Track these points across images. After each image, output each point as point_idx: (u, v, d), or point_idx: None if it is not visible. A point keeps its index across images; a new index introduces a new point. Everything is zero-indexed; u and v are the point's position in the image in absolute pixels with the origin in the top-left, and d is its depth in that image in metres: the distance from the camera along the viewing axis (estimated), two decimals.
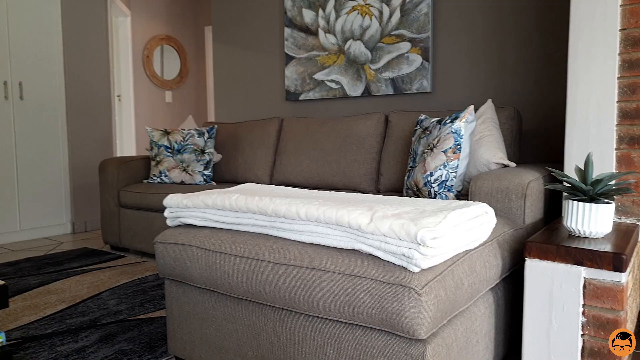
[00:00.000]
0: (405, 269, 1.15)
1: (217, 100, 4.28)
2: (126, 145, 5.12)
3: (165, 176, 3.31)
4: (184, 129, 3.46)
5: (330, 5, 3.38)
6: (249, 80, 4.01)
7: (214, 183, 3.38)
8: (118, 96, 4.75)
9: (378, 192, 2.77)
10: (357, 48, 3.28)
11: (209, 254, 1.50)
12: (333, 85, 3.43)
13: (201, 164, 3.34)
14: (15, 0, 3.63)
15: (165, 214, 1.69)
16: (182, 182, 3.31)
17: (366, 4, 3.21)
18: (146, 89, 5.32)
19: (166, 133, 3.39)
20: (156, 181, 3.32)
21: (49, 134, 3.89)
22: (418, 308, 1.08)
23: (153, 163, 3.36)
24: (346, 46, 3.33)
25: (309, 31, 3.52)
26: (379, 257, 1.21)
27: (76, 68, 4.04)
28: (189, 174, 3.31)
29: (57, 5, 3.87)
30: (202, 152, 3.36)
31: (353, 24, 3.28)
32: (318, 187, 2.96)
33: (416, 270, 1.13)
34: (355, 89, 3.33)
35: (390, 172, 2.68)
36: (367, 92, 3.27)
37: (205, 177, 3.32)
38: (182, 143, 3.36)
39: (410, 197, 2.28)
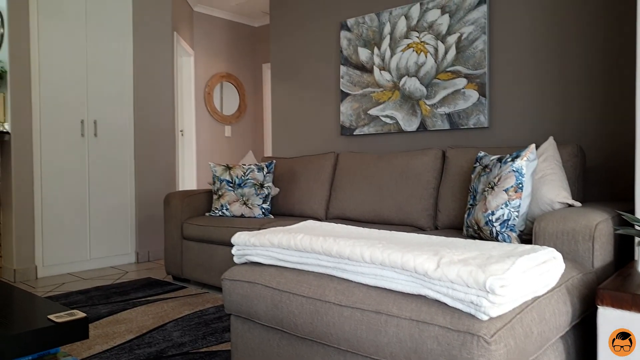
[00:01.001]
0: (474, 316, 1.15)
1: (274, 135, 4.43)
2: (187, 178, 5.35)
3: (227, 209, 3.44)
4: (244, 164, 3.60)
5: (385, 44, 3.46)
6: (305, 115, 4.13)
7: (272, 216, 3.47)
8: (181, 131, 5.01)
9: (436, 228, 2.76)
10: (412, 84, 3.32)
11: (275, 292, 1.56)
12: (388, 120, 3.48)
13: (260, 198, 3.44)
14: (94, 44, 3.95)
15: (233, 251, 1.77)
16: (242, 215, 3.42)
17: (421, 42, 3.26)
18: (207, 124, 5.58)
19: (228, 168, 3.54)
20: (218, 214, 3.45)
21: (119, 168, 4.15)
22: (487, 357, 1.08)
23: (215, 197, 3.50)
24: (401, 82, 3.38)
25: (364, 69, 3.60)
26: (446, 304, 1.22)
27: (144, 105, 4.31)
28: (249, 207, 3.42)
29: (129, 48, 4.18)
30: (261, 186, 3.47)
31: (408, 61, 3.34)
32: (374, 223, 2.98)
33: (485, 318, 1.12)
34: (410, 124, 3.36)
35: (448, 209, 2.66)
36: (422, 127, 3.29)
37: (264, 210, 3.42)
38: (242, 177, 3.48)
39: (471, 235, 2.26)
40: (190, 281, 3.56)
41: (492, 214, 2.08)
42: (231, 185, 3.49)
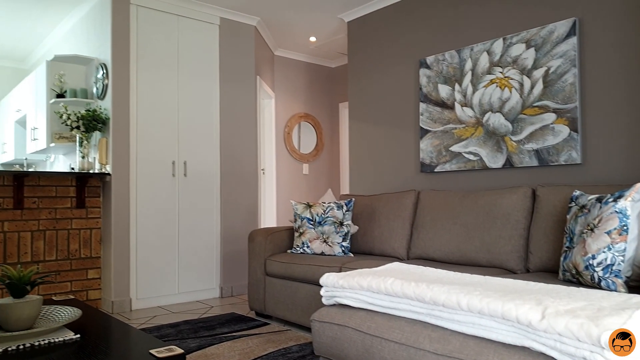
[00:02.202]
0: None
1: (351, 172, 4.47)
2: (268, 214, 5.51)
3: (307, 247, 3.48)
4: (324, 202, 3.65)
5: (466, 80, 3.43)
6: (383, 153, 4.14)
7: (352, 254, 3.46)
8: (262, 170, 5.20)
9: (527, 271, 2.61)
10: (496, 120, 3.24)
11: (366, 337, 1.54)
12: (471, 157, 3.40)
13: (340, 236, 3.46)
14: (184, 91, 4.25)
15: (322, 292, 1.79)
16: (322, 253, 3.45)
17: (505, 77, 3.19)
18: (286, 163, 5.75)
19: (308, 206, 3.60)
20: (299, 251, 3.50)
21: (206, 205, 4.36)
22: None
23: (296, 234, 3.57)
24: (485, 118, 3.31)
25: (445, 105, 3.58)
26: (553, 357, 1.15)
27: (229, 146, 4.53)
28: (329, 245, 3.45)
29: (216, 93, 4.45)
30: (341, 224, 3.49)
31: (491, 96, 3.27)
32: (459, 264, 2.89)
33: None
34: (495, 161, 3.26)
35: (540, 251, 2.52)
36: (508, 164, 3.18)
37: (343, 248, 3.43)
38: (322, 215, 3.53)
39: (568, 280, 2.12)
40: (273, 317, 3.61)
41: (593, 257, 1.94)
42: (312, 222, 3.55)
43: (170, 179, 4.16)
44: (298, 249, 3.51)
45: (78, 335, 1.87)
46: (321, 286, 2.98)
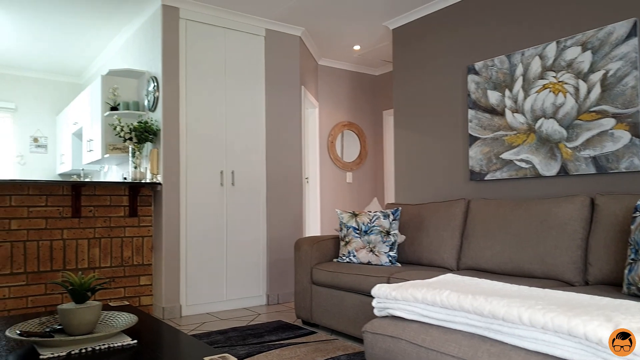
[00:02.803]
0: None
1: (397, 181, 4.42)
2: (312, 223, 5.53)
3: (354, 256, 3.46)
4: (369, 211, 3.63)
5: (517, 86, 3.33)
6: (430, 161, 4.08)
7: (399, 264, 3.42)
8: (306, 178, 5.23)
9: (586, 283, 2.50)
10: (549, 126, 3.13)
11: (421, 350, 1.51)
12: (523, 164, 3.30)
13: (387, 245, 3.42)
14: (231, 102, 4.34)
15: (373, 303, 1.76)
16: (368, 263, 3.42)
17: (559, 82, 3.08)
18: (330, 171, 5.76)
19: (354, 215, 3.59)
20: (345, 260, 3.49)
21: (253, 214, 4.42)
22: None
23: (342, 243, 3.56)
24: (537, 125, 3.21)
25: (495, 112, 3.49)
26: None
27: (275, 156, 4.58)
28: (376, 254, 3.41)
29: (262, 104, 4.52)
30: (388, 233, 3.45)
31: (544, 102, 3.17)
32: (512, 275, 2.79)
33: None
34: (549, 168, 3.14)
35: (600, 262, 2.41)
36: (563, 171, 3.06)
37: (390, 258, 3.39)
38: (368, 224, 3.50)
39: (634, 294, 2.01)
40: (319, 326, 3.60)
41: None
42: (357, 232, 3.52)
43: (219, 188, 4.24)
44: (344, 258, 3.50)
45: (135, 341, 1.92)
46: (369, 296, 2.96)
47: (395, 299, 1.67)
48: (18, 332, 1.90)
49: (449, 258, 3.21)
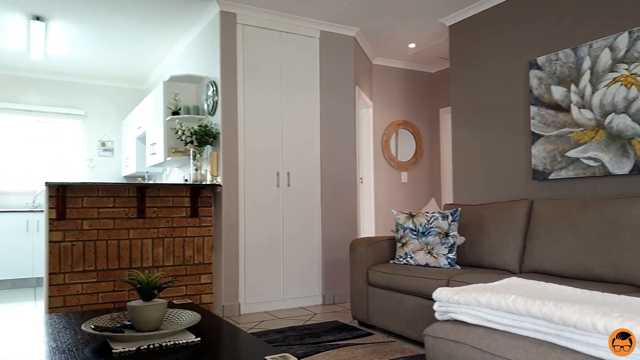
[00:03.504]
0: None
1: (455, 181, 4.32)
2: (366, 223, 5.50)
3: (411, 258, 3.41)
4: (427, 212, 3.56)
5: (584, 80, 3.16)
6: (490, 160, 3.95)
7: (459, 267, 3.33)
8: (360, 178, 5.21)
9: None
10: (621, 122, 2.95)
11: (485, 355, 1.46)
12: (591, 162, 3.13)
13: (445, 247, 3.35)
14: (286, 105, 4.40)
15: (435, 307, 1.73)
16: (426, 265, 3.36)
17: (632, 74, 2.90)
18: (384, 171, 5.71)
19: (411, 216, 3.53)
20: (402, 262, 3.44)
21: (308, 214, 4.46)
22: None
23: (399, 244, 3.51)
24: (607, 121, 3.03)
25: (559, 108, 3.33)
26: None
27: (329, 156, 4.60)
28: (434, 256, 3.35)
29: (317, 105, 4.55)
30: (446, 234, 3.37)
31: (615, 96, 2.99)
32: (580, 278, 2.65)
33: None
34: (620, 167, 2.96)
35: None
36: (636, 170, 2.88)
37: (449, 260, 3.31)
38: (426, 226, 3.44)
39: None
40: (376, 327, 3.57)
41: None
42: (415, 233, 3.47)
43: (275, 189, 4.31)
44: (401, 259, 3.46)
45: (198, 339, 1.99)
46: (428, 299, 2.91)
47: (457, 302, 1.63)
48: (92, 326, 2.02)
49: (511, 260, 3.10)
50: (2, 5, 4.17)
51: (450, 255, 3.31)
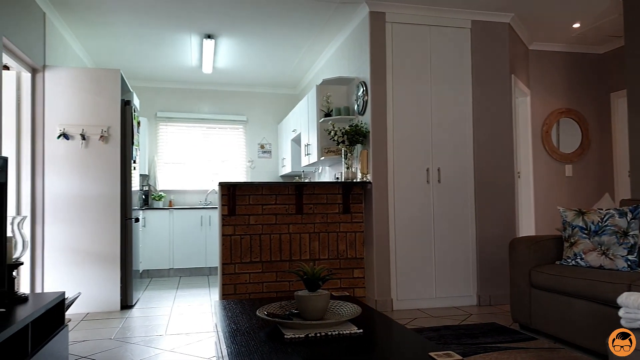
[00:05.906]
0: None
1: (634, 174, 3.81)
2: (525, 221, 5.13)
3: (581, 259, 3.11)
4: (600, 209, 3.21)
5: None
6: None
7: None
8: (518, 173, 4.87)
9: None
10: None
11: None
12: None
13: (624, 248, 2.98)
14: (436, 99, 4.31)
15: (620, 313, 1.56)
16: (600, 267, 3.03)
17: None
18: (544, 164, 5.27)
19: (581, 213, 3.22)
20: (570, 263, 3.15)
21: (460, 211, 4.32)
22: None
23: (566, 244, 3.22)
24: None
25: None
26: None
27: (483, 150, 4.39)
28: (609, 258, 3.00)
29: (469, 97, 4.38)
30: (625, 234, 3.00)
31: None
32: None
33: None
34: None
35: None
36: None
37: (629, 262, 2.94)
38: (599, 224, 3.10)
39: None
40: (540, 332, 3.33)
41: None
42: (585, 232, 3.15)
43: (425, 185, 4.26)
44: (569, 260, 3.17)
45: (361, 330, 2.07)
46: (604, 304, 2.62)
47: None
48: (265, 313, 2.22)
49: None
50: (182, 27, 4.79)
51: (630, 257, 2.95)
